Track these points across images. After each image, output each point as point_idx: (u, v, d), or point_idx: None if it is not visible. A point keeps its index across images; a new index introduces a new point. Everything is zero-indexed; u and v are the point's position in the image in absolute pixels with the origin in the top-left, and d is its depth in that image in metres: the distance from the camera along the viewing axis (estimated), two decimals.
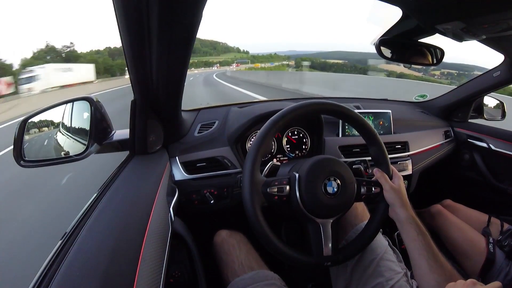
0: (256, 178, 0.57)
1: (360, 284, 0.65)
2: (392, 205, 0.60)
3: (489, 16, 0.58)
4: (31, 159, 0.65)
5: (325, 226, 0.60)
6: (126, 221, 0.48)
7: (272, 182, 0.59)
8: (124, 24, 0.48)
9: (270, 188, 0.58)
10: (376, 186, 0.63)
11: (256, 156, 0.57)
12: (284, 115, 0.59)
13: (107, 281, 0.35)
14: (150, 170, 0.70)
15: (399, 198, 0.59)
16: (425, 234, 0.55)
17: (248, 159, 0.57)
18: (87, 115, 0.69)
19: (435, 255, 0.52)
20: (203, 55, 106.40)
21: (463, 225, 0.91)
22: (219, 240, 0.77)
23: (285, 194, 0.59)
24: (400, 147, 1.10)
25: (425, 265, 0.51)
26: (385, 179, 0.62)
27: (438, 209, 1.00)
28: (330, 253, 0.60)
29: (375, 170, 0.65)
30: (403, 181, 0.63)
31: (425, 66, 0.91)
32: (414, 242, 0.55)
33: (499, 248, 0.82)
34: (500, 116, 1.32)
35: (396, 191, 0.60)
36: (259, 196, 0.57)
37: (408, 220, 0.57)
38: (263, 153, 0.58)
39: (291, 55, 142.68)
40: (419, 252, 0.53)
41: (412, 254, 0.55)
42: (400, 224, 0.59)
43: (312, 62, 69.73)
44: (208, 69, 76.74)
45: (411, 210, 0.59)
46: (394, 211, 0.60)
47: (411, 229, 0.56)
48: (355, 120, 0.65)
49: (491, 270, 0.78)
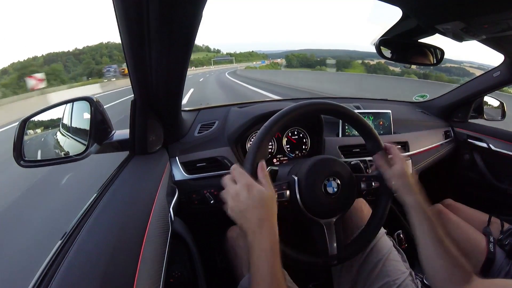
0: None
1: (367, 284, 0.65)
2: (398, 191, 0.59)
3: (489, 16, 0.58)
4: (31, 159, 0.65)
5: (329, 225, 0.60)
6: (126, 221, 0.48)
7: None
8: (124, 24, 0.48)
9: None
10: (376, 181, 0.62)
11: (256, 157, 0.57)
12: (284, 115, 0.59)
13: (107, 281, 0.35)
14: (150, 170, 0.70)
15: (403, 183, 0.58)
16: (431, 219, 0.54)
17: (248, 161, 0.56)
18: (87, 115, 0.69)
19: (441, 240, 0.51)
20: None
21: (463, 225, 0.91)
22: (234, 235, 0.78)
23: (286, 199, 0.58)
24: (400, 147, 1.10)
25: (431, 250, 0.51)
26: (384, 168, 0.61)
27: (438, 208, 1.00)
28: (335, 252, 0.60)
29: (375, 157, 0.63)
30: (406, 163, 0.60)
31: (425, 66, 0.91)
32: (420, 226, 0.54)
33: (500, 248, 0.82)
34: (500, 116, 1.32)
35: (399, 176, 0.58)
36: None
37: (414, 204, 0.55)
38: (262, 155, 0.58)
39: (268, 54, 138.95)
40: (425, 236, 0.53)
41: (419, 239, 0.54)
42: (406, 208, 0.57)
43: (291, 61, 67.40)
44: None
45: (418, 194, 0.56)
46: (399, 197, 0.59)
47: (417, 213, 0.55)
48: (355, 120, 0.65)
49: (491, 269, 0.78)
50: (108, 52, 74.09)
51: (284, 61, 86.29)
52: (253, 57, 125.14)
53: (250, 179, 0.49)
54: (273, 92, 9.35)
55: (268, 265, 0.44)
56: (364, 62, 52.95)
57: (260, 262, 0.44)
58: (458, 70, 21.38)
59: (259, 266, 0.44)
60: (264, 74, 19.41)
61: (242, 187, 0.48)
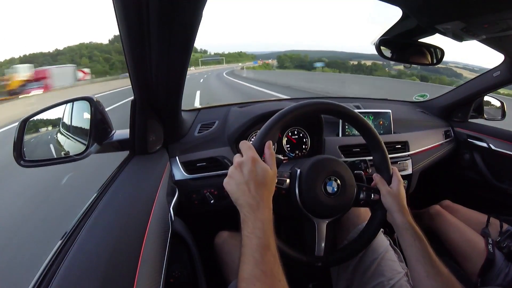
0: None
1: (362, 283, 0.65)
2: (389, 210, 0.60)
3: (489, 16, 0.58)
4: (31, 159, 0.65)
5: (320, 226, 0.60)
6: (126, 221, 0.48)
7: None
8: (124, 24, 0.48)
9: None
10: (376, 193, 0.62)
11: (265, 137, 0.56)
12: (284, 115, 0.59)
13: (107, 281, 0.35)
14: (150, 170, 0.70)
15: (396, 203, 0.59)
16: (421, 240, 0.54)
17: (257, 139, 0.56)
18: (87, 115, 0.69)
19: (432, 260, 0.52)
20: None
21: (462, 226, 0.91)
22: (220, 241, 0.77)
23: (284, 187, 0.59)
24: (400, 147, 1.10)
25: (421, 271, 0.51)
26: (382, 184, 0.62)
27: (437, 210, 1.00)
28: (321, 254, 0.60)
29: (374, 176, 0.64)
30: (402, 185, 0.62)
31: (425, 66, 0.91)
32: (410, 247, 0.54)
33: (498, 249, 0.81)
34: (500, 116, 1.32)
35: (394, 196, 0.59)
36: None
37: (405, 225, 0.56)
38: (271, 137, 0.57)
39: (257, 55, 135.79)
40: (416, 257, 0.53)
41: (409, 260, 0.55)
42: (397, 229, 0.58)
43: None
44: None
45: (409, 215, 0.58)
46: (391, 216, 0.60)
47: (408, 234, 0.55)
48: (357, 121, 0.65)
49: (490, 271, 0.78)
50: (89, 53, 70.75)
51: (276, 62, 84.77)
52: (242, 58, 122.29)
53: (257, 155, 0.49)
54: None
55: (263, 236, 0.43)
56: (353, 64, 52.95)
57: (256, 231, 0.43)
58: (446, 70, 21.70)
59: (254, 235, 0.43)
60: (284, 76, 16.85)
61: (248, 160, 0.48)
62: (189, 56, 0.62)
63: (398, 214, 0.58)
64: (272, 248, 0.43)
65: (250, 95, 10.35)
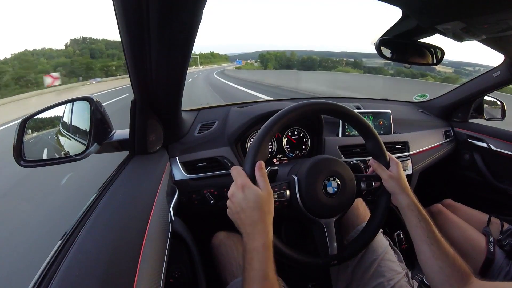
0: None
1: (361, 284, 0.65)
2: (393, 193, 0.60)
3: (489, 16, 0.58)
4: (31, 159, 0.65)
5: (329, 225, 0.60)
6: (126, 221, 0.48)
7: (272, 188, 0.57)
8: (124, 24, 0.48)
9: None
10: (376, 181, 0.62)
11: (255, 157, 0.56)
12: (284, 115, 0.59)
13: (107, 281, 0.35)
14: (150, 170, 0.70)
15: (398, 185, 0.59)
16: (427, 220, 0.54)
17: (247, 162, 0.55)
18: (87, 115, 0.69)
19: (437, 241, 0.52)
20: (108, 59, 67.64)
21: (463, 225, 0.91)
22: (217, 242, 0.77)
23: (286, 199, 0.58)
24: (400, 147, 1.10)
25: (427, 251, 0.51)
26: (382, 169, 0.61)
27: (438, 208, 1.00)
28: (335, 252, 0.60)
29: (371, 162, 0.64)
30: (401, 167, 0.62)
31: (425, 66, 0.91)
32: (416, 228, 0.54)
33: (499, 248, 0.82)
34: (500, 116, 1.32)
35: (396, 179, 0.59)
36: None
37: (410, 206, 0.56)
38: (262, 155, 0.57)
39: (229, 56, 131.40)
40: (421, 238, 0.53)
41: (415, 240, 0.55)
42: (402, 211, 0.58)
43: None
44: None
45: (413, 196, 0.58)
46: (395, 199, 0.60)
47: (413, 215, 0.55)
48: (355, 120, 0.65)
49: (491, 270, 0.78)
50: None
51: (258, 62, 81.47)
52: (215, 58, 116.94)
53: (246, 180, 0.50)
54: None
55: (260, 266, 0.44)
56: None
57: (253, 262, 0.44)
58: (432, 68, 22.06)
59: (251, 266, 0.44)
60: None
61: (238, 188, 0.49)
62: (189, 56, 0.62)
63: (402, 195, 0.58)
64: (271, 277, 0.44)
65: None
